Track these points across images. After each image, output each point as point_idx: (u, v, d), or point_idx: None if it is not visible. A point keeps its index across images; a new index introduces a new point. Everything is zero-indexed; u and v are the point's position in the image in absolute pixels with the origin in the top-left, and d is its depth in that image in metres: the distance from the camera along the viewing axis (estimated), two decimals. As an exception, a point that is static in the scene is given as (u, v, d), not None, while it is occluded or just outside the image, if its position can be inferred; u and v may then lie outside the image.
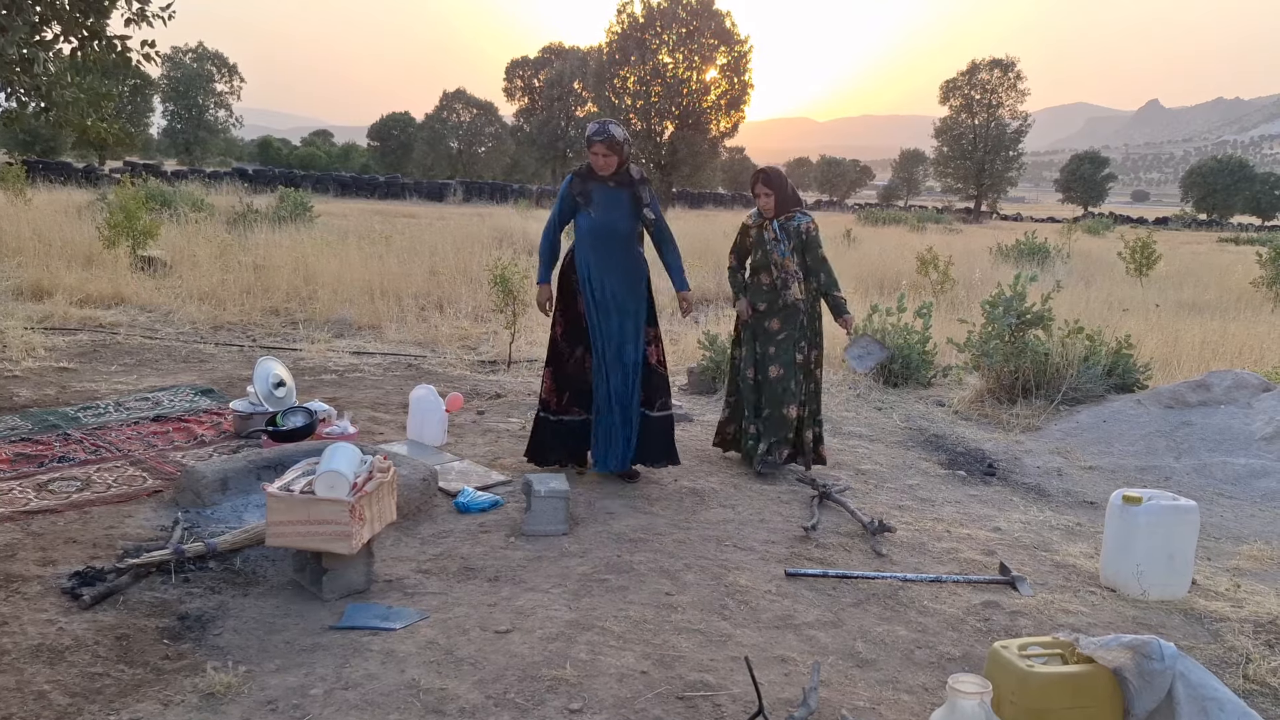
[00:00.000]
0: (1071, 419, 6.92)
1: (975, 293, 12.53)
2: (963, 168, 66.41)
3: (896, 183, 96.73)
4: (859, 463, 5.93)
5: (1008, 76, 64.61)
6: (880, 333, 8.09)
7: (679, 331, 10.36)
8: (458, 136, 69.27)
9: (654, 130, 45.95)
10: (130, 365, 7.44)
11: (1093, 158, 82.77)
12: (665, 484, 5.20)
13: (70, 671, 2.99)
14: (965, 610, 3.81)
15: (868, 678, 3.24)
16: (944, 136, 67.63)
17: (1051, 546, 4.68)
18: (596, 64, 47.92)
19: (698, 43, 44.75)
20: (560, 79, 63.78)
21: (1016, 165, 68.04)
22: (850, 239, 22.40)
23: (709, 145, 47.20)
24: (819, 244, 5.54)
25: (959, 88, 65.90)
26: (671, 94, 44.99)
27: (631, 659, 3.26)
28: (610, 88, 45.83)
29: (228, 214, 17.63)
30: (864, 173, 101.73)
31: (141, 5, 7.06)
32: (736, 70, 45.72)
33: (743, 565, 4.17)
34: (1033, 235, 19.44)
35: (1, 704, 2.78)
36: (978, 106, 65.47)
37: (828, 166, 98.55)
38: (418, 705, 2.90)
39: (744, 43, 45.50)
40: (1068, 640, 2.82)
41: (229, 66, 62.06)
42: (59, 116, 7.83)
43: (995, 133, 65.26)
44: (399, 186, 47.44)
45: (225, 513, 4.29)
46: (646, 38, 44.99)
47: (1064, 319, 7.74)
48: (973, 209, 66.04)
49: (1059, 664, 2.75)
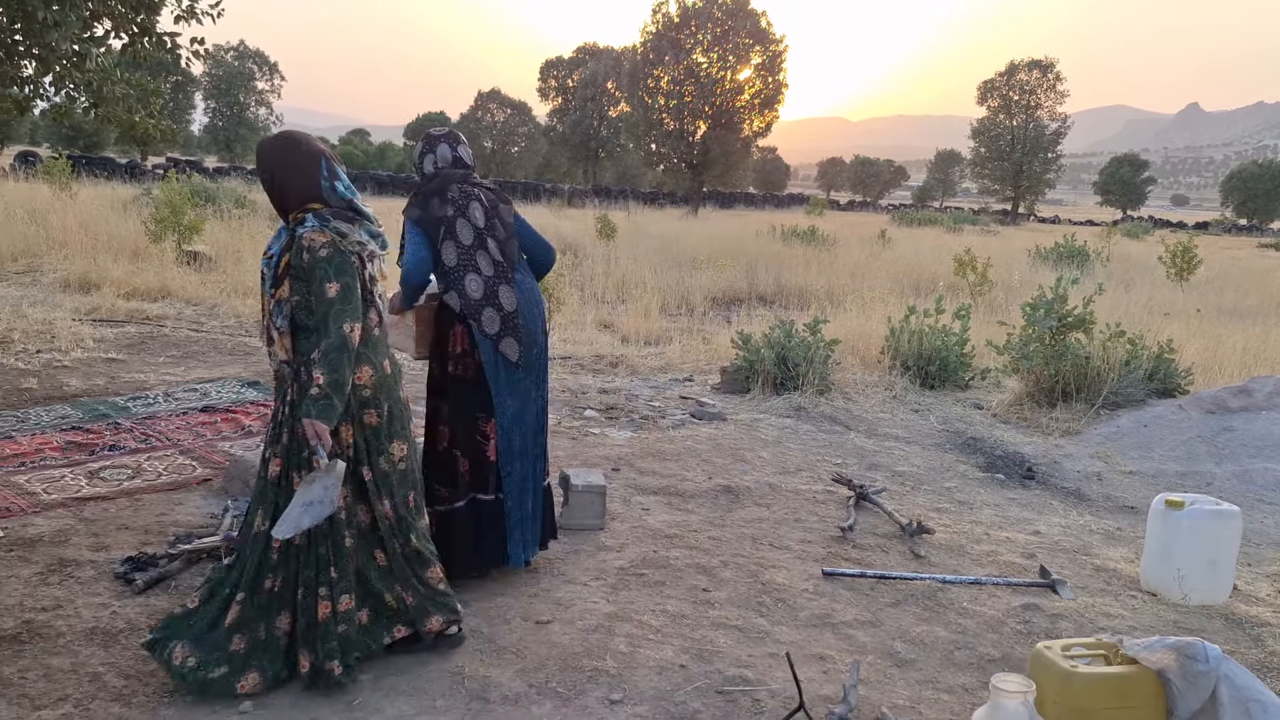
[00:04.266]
0: (1112, 423, 6.87)
1: (1014, 295, 12.46)
2: (1000, 169, 65.79)
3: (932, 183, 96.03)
4: (895, 464, 5.93)
5: (1047, 77, 63.92)
6: (916, 334, 8.06)
7: (711, 330, 10.40)
8: (491, 136, 69.59)
9: (686, 130, 45.90)
10: (177, 357, 7.58)
11: (1132, 160, 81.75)
12: (700, 482, 5.23)
13: (124, 655, 3.06)
14: (1005, 612, 3.81)
15: (907, 677, 3.26)
16: (981, 137, 67.03)
17: (1091, 550, 4.66)
18: (630, 64, 47.95)
19: (732, 42, 44.67)
20: (594, 79, 63.90)
21: (1055, 167, 67.32)
22: (885, 239, 22.30)
23: (741, 145, 47.07)
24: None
25: (997, 88, 65.29)
26: (704, 93, 44.93)
27: (670, 652, 3.29)
28: (643, 87, 45.84)
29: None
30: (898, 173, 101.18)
31: (191, 3, 7.19)
32: (771, 70, 45.58)
33: (779, 564, 4.19)
34: (1072, 238, 19.26)
35: (58, 685, 2.86)
36: (1016, 107, 64.81)
37: (861, 166, 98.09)
38: (462, 692, 2.96)
39: (779, 42, 45.36)
40: (1111, 642, 2.82)
41: (270, 65, 62.75)
42: (107, 112, 7.98)
43: (1033, 134, 64.58)
44: (434, 184, 47.70)
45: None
46: (681, 37, 44.96)
47: (1105, 322, 7.69)
48: (1010, 211, 65.43)
49: (1102, 665, 2.75)
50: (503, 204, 3.82)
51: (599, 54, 65.53)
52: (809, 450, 6.09)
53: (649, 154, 48.64)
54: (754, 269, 14.96)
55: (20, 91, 7.81)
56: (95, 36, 7.35)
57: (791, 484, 5.35)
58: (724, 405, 7.06)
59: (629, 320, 10.60)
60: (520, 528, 3.77)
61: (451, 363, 3.66)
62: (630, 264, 14.64)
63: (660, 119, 45.83)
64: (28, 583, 3.51)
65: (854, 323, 9.62)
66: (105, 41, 7.47)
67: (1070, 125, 65.76)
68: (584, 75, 65.17)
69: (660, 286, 12.89)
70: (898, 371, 7.98)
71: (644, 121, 46.43)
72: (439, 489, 3.68)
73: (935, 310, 8.21)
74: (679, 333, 10.24)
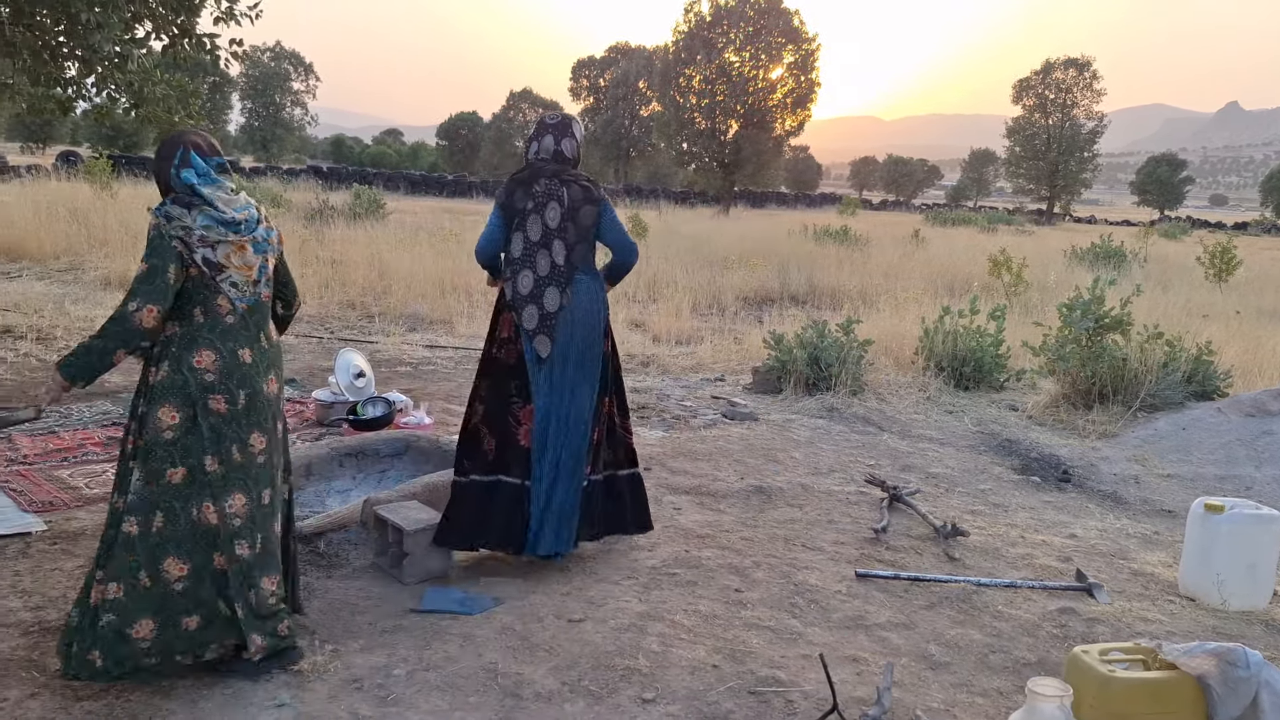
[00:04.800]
0: (1149, 426, 6.78)
1: (1049, 296, 12.33)
2: (1035, 168, 65.03)
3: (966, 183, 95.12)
4: (929, 466, 5.89)
5: (1083, 76, 63.11)
6: (951, 335, 8.01)
7: (743, 330, 10.38)
8: (523, 136, 69.86)
9: (718, 129, 45.80)
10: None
11: (1169, 160, 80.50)
12: (731, 482, 5.22)
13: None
14: (1041, 616, 3.77)
15: (941, 680, 3.24)
16: (1016, 136, 66.29)
17: (1129, 554, 4.60)
18: (662, 63, 47.91)
19: (764, 41, 44.51)
20: (625, 78, 63.93)
21: (1091, 167, 66.46)
22: (918, 239, 22.14)
23: (773, 144, 46.89)
24: None
25: (1032, 87, 64.54)
26: (736, 93, 44.81)
27: (702, 652, 3.30)
28: (675, 87, 45.80)
29: (305, 210, 18.06)
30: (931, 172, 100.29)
31: (230, 4, 7.29)
32: (803, 69, 45.37)
33: (812, 565, 4.18)
34: (1108, 239, 19.02)
35: (102, 674, 2.91)
36: (1052, 106, 64.05)
37: (894, 166, 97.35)
38: (496, 688, 2.98)
39: (811, 41, 45.14)
40: (1150, 646, 2.79)
41: (305, 66, 63.38)
42: (148, 112, 8.11)
43: (1069, 133, 63.76)
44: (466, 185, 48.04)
45: (309, 497, 4.42)
46: (713, 36, 44.88)
47: (1142, 324, 7.59)
48: (1045, 211, 64.70)
49: (1141, 670, 2.72)
50: (588, 205, 3.89)
51: (631, 53, 65.55)
52: (842, 451, 6.07)
53: (680, 153, 48.59)
54: (786, 269, 14.91)
55: (63, 92, 7.97)
56: (136, 38, 7.48)
57: (824, 485, 5.33)
58: (756, 405, 7.04)
59: (660, 320, 10.61)
60: (544, 518, 3.81)
61: (496, 346, 3.89)
62: (661, 263, 14.65)
63: (692, 118, 45.75)
64: (71, 575, 3.57)
65: (887, 323, 9.56)
66: (146, 43, 7.60)
67: (1107, 124, 64.88)
68: (615, 75, 65.22)
69: (691, 286, 12.89)
70: (932, 372, 7.93)
71: (675, 121, 46.39)
72: (461, 460, 3.88)
73: (970, 311, 8.14)
74: (710, 332, 10.23)
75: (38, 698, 2.77)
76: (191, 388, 2.85)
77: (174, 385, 2.85)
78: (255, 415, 2.94)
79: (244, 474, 2.91)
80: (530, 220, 3.83)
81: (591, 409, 3.91)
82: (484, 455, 3.84)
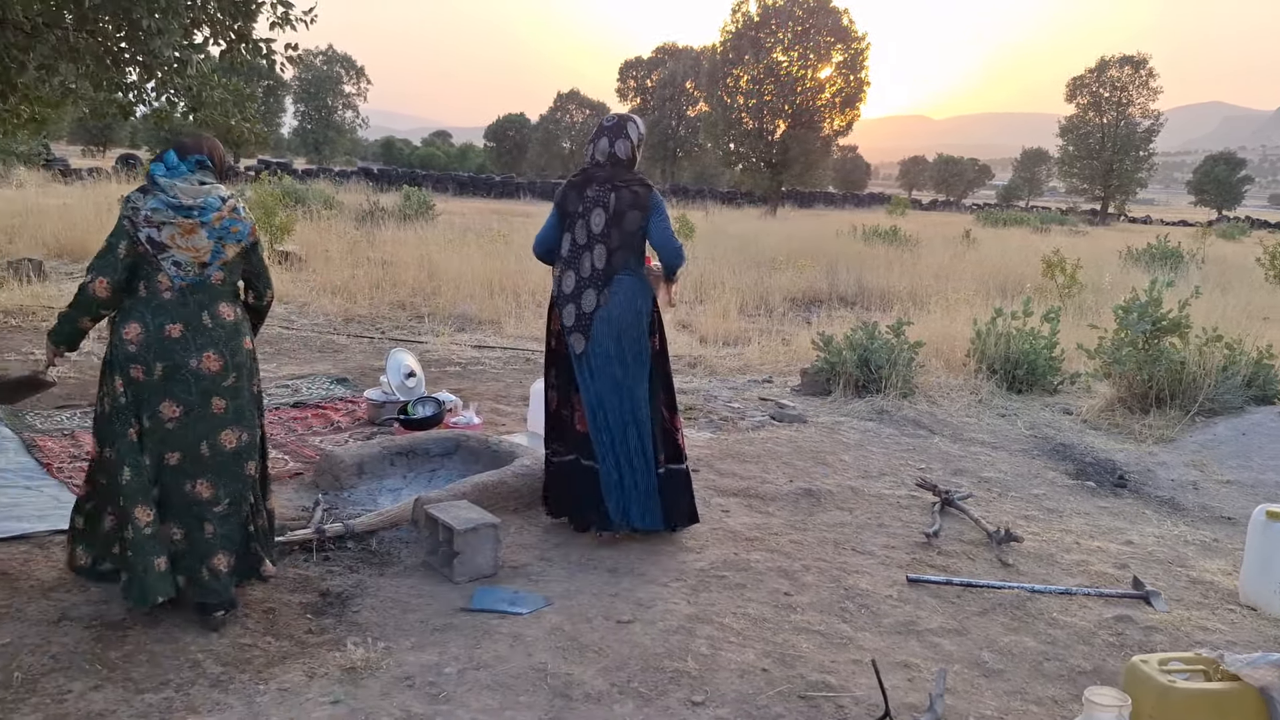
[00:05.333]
0: (1208, 431, 6.63)
1: (1104, 298, 12.11)
2: (1089, 168, 63.82)
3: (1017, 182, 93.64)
4: (981, 470, 5.81)
5: (1139, 74, 61.82)
6: (1003, 337, 7.89)
7: (791, 331, 10.33)
8: (570, 137, 70.15)
9: (765, 129, 45.60)
10: (269, 354, 7.81)
11: (1228, 159, 78.60)
12: (780, 485, 5.20)
13: (221, 642, 3.17)
14: (1097, 624, 3.70)
15: (995, 687, 3.19)
16: (1070, 135, 65.12)
17: (1187, 562, 4.50)
18: (710, 63, 47.79)
19: (813, 40, 44.21)
20: (673, 79, 63.88)
21: (1147, 166, 65.07)
22: (969, 239, 21.86)
23: (821, 144, 46.54)
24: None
25: (1087, 85, 63.36)
26: (784, 92, 44.55)
27: (752, 656, 3.28)
28: (723, 87, 45.66)
29: (356, 211, 18.33)
30: (982, 172, 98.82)
31: (286, 9, 7.41)
32: (853, 68, 44.99)
33: (862, 569, 4.14)
34: (1164, 239, 18.62)
35: (160, 670, 2.97)
36: (1107, 105, 62.83)
37: (944, 165, 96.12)
38: (545, 688, 2.99)
39: (860, 40, 44.75)
40: (1211, 657, 2.73)
41: (357, 69, 64.17)
42: (206, 115, 8.29)
43: (1125, 132, 62.48)
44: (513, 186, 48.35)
45: (361, 496, 4.49)
46: (761, 36, 44.68)
47: (1201, 326, 7.42)
48: (1099, 211, 63.51)
49: (1201, 681, 2.66)
50: (634, 210, 4.07)
51: (678, 54, 65.51)
52: (892, 454, 6.01)
53: (727, 153, 48.42)
54: (834, 269, 14.80)
55: (124, 96, 8.16)
56: (195, 43, 7.64)
57: (874, 488, 5.28)
58: (804, 407, 7.00)
59: (707, 320, 10.59)
60: (615, 494, 4.12)
61: (553, 338, 4.25)
62: (708, 264, 14.62)
63: (739, 118, 45.57)
64: (131, 570, 3.65)
65: (938, 324, 9.45)
66: (204, 48, 7.76)
67: (1163, 123, 63.49)
68: (663, 75, 65.22)
69: (739, 287, 12.84)
70: (984, 375, 7.83)
71: (723, 121, 46.24)
72: (548, 441, 4.31)
73: (1023, 312, 8.02)
74: (758, 333, 10.19)
75: (100, 690, 2.84)
76: (119, 357, 3.19)
77: (112, 356, 3.22)
78: (172, 386, 3.20)
79: (152, 438, 3.22)
80: (579, 224, 4.09)
81: (647, 402, 4.13)
82: (564, 437, 4.24)
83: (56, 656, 3.01)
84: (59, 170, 27.41)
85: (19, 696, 2.79)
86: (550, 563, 4.01)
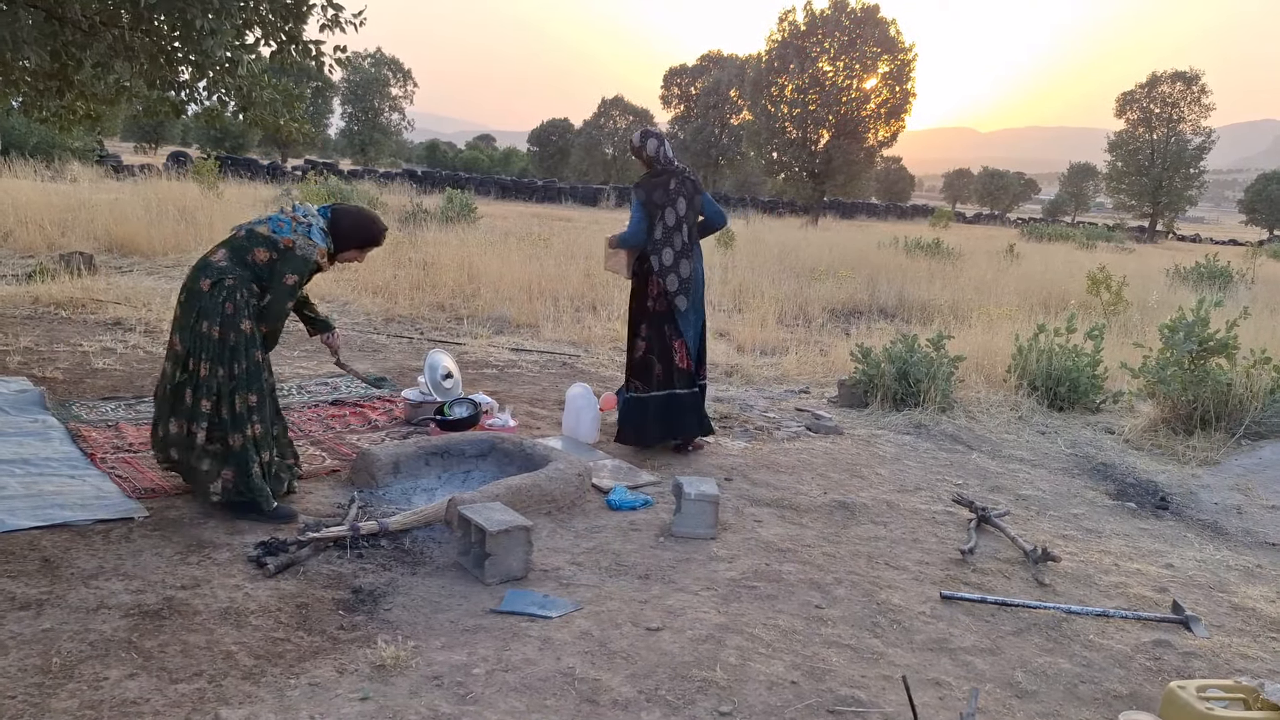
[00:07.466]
0: (1254, 454, 6.49)
1: (1150, 316, 11.91)
2: (1138, 184, 62.80)
3: (1064, 197, 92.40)
4: (1019, 488, 5.74)
5: (1191, 90, 60.78)
6: (1046, 353, 7.78)
7: (829, 343, 10.26)
8: (613, 143, 70.35)
9: (809, 139, 45.42)
10: (310, 351, 7.90)
11: (1280, 178, 77.01)
12: (814, 496, 5.16)
13: (255, 635, 3.21)
14: (1134, 647, 3.63)
15: (1027, 709, 3.14)
16: (1119, 151, 64.15)
17: (1229, 587, 4.41)
18: (754, 72, 47.72)
19: (859, 51, 44.00)
20: (717, 87, 63.88)
21: (1197, 183, 63.91)
22: (1013, 254, 21.60)
23: (865, 155, 46.27)
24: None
25: (1137, 100, 62.41)
26: (829, 102, 44.36)
27: (781, 668, 3.26)
28: (767, 95, 45.58)
29: (399, 212, 18.49)
30: (1028, 186, 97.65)
31: (336, 12, 7.50)
32: (898, 79, 44.70)
33: (895, 584, 4.10)
34: (1214, 258, 18.28)
35: (194, 661, 3.01)
36: (1157, 120, 61.83)
37: (989, 179, 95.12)
38: (573, 693, 2.99)
39: (907, 51, 44.45)
40: (1252, 685, 2.67)
41: (404, 72, 64.82)
42: (255, 115, 8.42)
43: (1175, 149, 61.45)
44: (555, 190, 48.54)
45: (395, 494, 4.52)
46: (807, 45, 44.54)
47: (1249, 348, 7.27)
48: (1147, 228, 62.49)
49: (1241, 709, 2.60)
50: (698, 194, 5.58)
51: (723, 62, 65.50)
52: (929, 469, 5.95)
53: (770, 162, 48.30)
54: (875, 281, 14.69)
55: (177, 95, 8.31)
56: (247, 44, 7.76)
57: (910, 503, 5.23)
58: (841, 419, 6.95)
59: (745, 329, 10.55)
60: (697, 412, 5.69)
61: (651, 301, 5.51)
62: (748, 272, 14.58)
63: (783, 127, 45.43)
64: (169, 561, 3.71)
65: (979, 339, 9.34)
66: (256, 49, 7.88)
67: (1215, 140, 62.36)
68: (707, 83, 65.24)
69: (778, 296, 12.79)
70: (1024, 391, 7.73)
71: (766, 130, 46.14)
72: (636, 383, 5.57)
73: (1066, 329, 7.91)
74: (795, 343, 10.13)
75: (135, 679, 2.88)
76: None
77: None
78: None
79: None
80: (667, 211, 5.43)
81: (702, 333, 5.67)
82: (655, 378, 5.51)
83: (94, 644, 3.06)
84: (111, 166, 27.97)
85: (57, 682, 2.84)
86: (581, 567, 4.02)
